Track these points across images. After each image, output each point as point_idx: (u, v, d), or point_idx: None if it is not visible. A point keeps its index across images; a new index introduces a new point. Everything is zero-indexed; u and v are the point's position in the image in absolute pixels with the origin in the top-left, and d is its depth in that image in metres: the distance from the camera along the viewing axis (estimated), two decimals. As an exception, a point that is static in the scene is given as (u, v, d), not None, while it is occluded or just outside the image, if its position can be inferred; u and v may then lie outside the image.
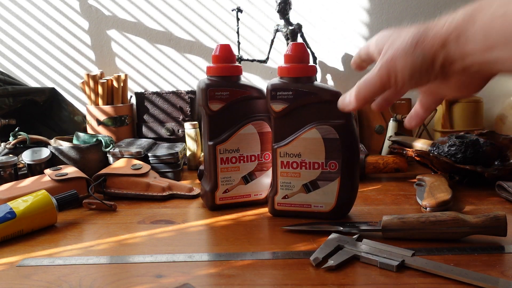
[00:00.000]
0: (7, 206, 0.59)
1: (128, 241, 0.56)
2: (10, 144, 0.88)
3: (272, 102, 0.60)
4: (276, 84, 0.60)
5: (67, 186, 0.70)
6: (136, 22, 1.13)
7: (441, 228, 0.52)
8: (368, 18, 1.10)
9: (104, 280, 0.46)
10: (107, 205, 0.68)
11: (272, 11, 1.07)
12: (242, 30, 1.09)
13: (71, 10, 1.13)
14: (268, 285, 0.44)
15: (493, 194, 0.71)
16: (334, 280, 0.44)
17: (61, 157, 0.83)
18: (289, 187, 0.62)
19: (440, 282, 0.44)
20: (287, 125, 0.61)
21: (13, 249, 0.55)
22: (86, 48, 1.15)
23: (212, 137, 0.65)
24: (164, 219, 0.64)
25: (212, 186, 0.66)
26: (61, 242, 0.57)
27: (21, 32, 1.15)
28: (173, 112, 1.03)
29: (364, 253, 0.48)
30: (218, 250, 0.53)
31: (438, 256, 0.49)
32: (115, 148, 0.86)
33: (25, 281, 0.46)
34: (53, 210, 0.61)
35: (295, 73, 0.60)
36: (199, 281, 0.45)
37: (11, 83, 1.05)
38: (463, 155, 0.76)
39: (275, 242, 0.55)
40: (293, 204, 0.62)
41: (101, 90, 1.03)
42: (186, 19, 1.12)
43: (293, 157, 0.61)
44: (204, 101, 0.64)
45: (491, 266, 0.46)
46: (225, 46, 0.66)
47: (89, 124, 1.05)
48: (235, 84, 0.65)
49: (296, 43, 0.61)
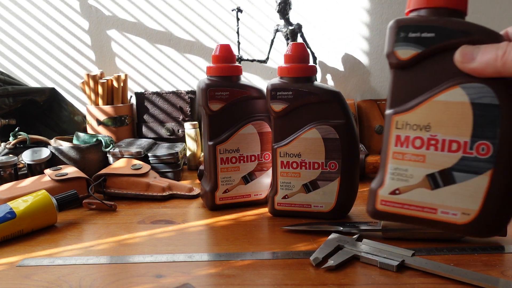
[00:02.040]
0: (7, 206, 0.59)
1: (128, 241, 0.56)
2: (10, 144, 0.88)
3: (272, 102, 0.60)
4: (276, 84, 0.60)
5: (67, 186, 0.70)
6: (136, 22, 1.13)
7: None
8: (368, 18, 1.10)
9: (104, 280, 0.46)
10: (107, 205, 0.68)
11: (272, 11, 1.07)
12: (242, 30, 1.09)
13: (71, 10, 1.14)
14: (268, 285, 0.44)
15: (493, 194, 0.71)
16: (334, 280, 0.44)
17: (61, 157, 0.83)
18: (289, 187, 0.62)
19: (440, 282, 0.44)
20: (287, 125, 0.61)
21: (13, 249, 0.55)
22: (86, 48, 1.15)
23: (212, 137, 0.65)
24: (164, 219, 0.64)
25: (212, 186, 0.66)
26: (61, 242, 0.57)
27: (21, 32, 1.15)
28: (173, 112, 1.03)
29: (364, 253, 0.48)
30: (218, 250, 0.53)
31: (438, 256, 0.49)
32: (115, 148, 0.86)
33: (25, 281, 0.46)
34: (53, 210, 0.61)
35: (295, 73, 0.60)
36: (199, 281, 0.45)
37: (11, 83, 1.05)
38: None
39: (275, 242, 0.55)
40: (293, 204, 0.62)
41: (101, 90, 1.03)
42: (186, 19, 1.12)
43: (293, 157, 0.61)
44: (204, 101, 0.64)
45: (491, 266, 0.46)
46: (225, 46, 0.66)
47: (89, 124, 1.05)
48: (235, 84, 0.65)
49: (296, 43, 0.61)
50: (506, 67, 0.34)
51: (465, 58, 0.37)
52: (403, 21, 0.40)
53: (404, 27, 0.40)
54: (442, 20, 0.38)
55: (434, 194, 0.39)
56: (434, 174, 0.39)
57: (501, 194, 0.37)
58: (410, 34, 0.40)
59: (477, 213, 0.38)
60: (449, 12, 0.39)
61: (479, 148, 0.38)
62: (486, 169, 0.37)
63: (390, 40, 0.40)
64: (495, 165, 0.37)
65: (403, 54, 0.40)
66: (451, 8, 0.39)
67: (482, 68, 0.35)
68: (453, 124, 0.38)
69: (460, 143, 0.38)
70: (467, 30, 0.37)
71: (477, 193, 0.38)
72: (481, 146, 0.38)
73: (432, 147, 0.39)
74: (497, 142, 0.37)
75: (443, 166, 0.39)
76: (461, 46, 0.37)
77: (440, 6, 0.39)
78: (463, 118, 0.38)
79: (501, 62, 0.34)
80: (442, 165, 0.39)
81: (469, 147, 0.38)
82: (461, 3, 0.39)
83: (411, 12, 0.41)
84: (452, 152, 0.39)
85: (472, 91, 0.37)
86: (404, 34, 0.40)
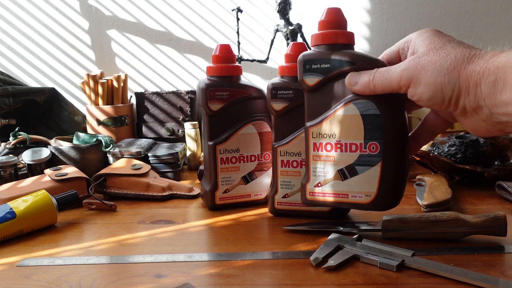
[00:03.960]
0: (7, 206, 0.59)
1: (128, 241, 0.56)
2: (10, 144, 0.88)
3: (273, 101, 0.60)
4: (277, 83, 0.61)
5: (67, 186, 0.70)
6: (136, 22, 1.13)
7: (441, 228, 0.52)
8: (368, 18, 1.10)
9: (104, 280, 0.46)
10: (107, 205, 0.68)
11: (272, 11, 1.07)
12: (242, 30, 1.09)
13: (71, 10, 1.14)
14: (268, 285, 0.44)
15: (493, 194, 0.71)
16: (334, 280, 0.44)
17: (61, 157, 0.83)
18: (289, 186, 0.62)
19: (440, 282, 0.44)
20: (287, 124, 0.61)
21: (13, 249, 0.55)
22: (86, 48, 1.15)
23: (212, 137, 0.65)
24: (164, 219, 0.64)
25: (212, 186, 0.66)
26: (61, 242, 0.57)
27: (21, 32, 1.15)
28: (173, 112, 1.03)
29: (364, 253, 0.48)
30: (218, 250, 0.53)
31: (438, 256, 0.49)
32: (115, 148, 0.86)
33: (25, 281, 0.46)
34: (53, 210, 0.61)
35: (295, 72, 0.60)
36: (199, 281, 0.45)
37: (11, 83, 1.05)
38: (463, 155, 0.76)
39: (275, 242, 0.55)
40: (293, 203, 0.62)
41: (101, 90, 1.03)
42: (186, 19, 1.12)
43: (294, 156, 0.61)
44: (204, 101, 0.64)
45: (491, 266, 0.46)
46: (225, 46, 0.66)
47: (89, 124, 1.05)
48: (235, 84, 0.65)
49: (297, 42, 0.61)
50: (376, 88, 0.46)
51: (351, 83, 0.49)
52: (307, 56, 0.53)
53: (308, 61, 0.53)
54: (334, 53, 0.51)
55: (344, 184, 0.53)
56: (343, 169, 0.53)
57: (390, 178, 0.51)
58: (312, 66, 0.53)
59: (375, 194, 0.51)
60: (341, 46, 0.52)
61: (370, 147, 0.51)
62: (377, 162, 0.51)
63: (300, 71, 0.54)
64: (383, 158, 0.50)
65: (310, 81, 0.53)
66: (341, 43, 0.53)
67: (362, 90, 0.48)
68: (351, 131, 0.51)
69: (357, 145, 0.51)
70: (352, 60, 0.50)
71: (373, 179, 0.51)
72: (371, 146, 0.51)
73: (338, 149, 0.52)
74: (382, 141, 0.50)
75: (348, 163, 0.52)
76: (349, 73, 0.49)
77: (333, 43, 0.53)
78: (357, 126, 0.51)
79: (372, 85, 0.46)
80: (347, 162, 0.52)
81: (363, 147, 0.51)
82: (349, 39, 0.53)
83: (314, 47, 0.54)
84: (353, 152, 0.52)
85: (360, 105, 0.50)
86: (308, 66, 0.53)
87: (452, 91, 0.38)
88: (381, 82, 0.45)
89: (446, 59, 0.39)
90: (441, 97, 0.39)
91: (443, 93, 0.39)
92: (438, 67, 0.39)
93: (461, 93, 0.38)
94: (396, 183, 0.51)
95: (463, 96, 0.38)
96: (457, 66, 0.38)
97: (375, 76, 0.46)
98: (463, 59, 0.38)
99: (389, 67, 0.45)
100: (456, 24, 1.10)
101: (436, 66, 0.39)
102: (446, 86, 0.39)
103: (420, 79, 0.40)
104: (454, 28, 1.10)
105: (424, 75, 0.40)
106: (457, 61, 0.38)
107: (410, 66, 0.41)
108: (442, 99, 0.39)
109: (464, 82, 0.38)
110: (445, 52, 0.39)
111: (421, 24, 1.10)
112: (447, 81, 0.38)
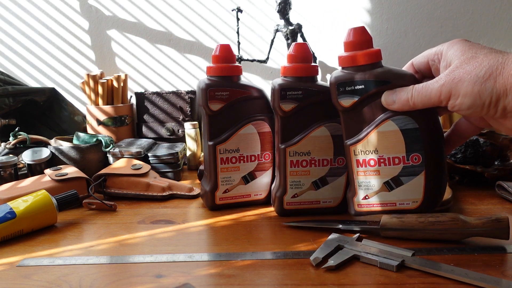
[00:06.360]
0: (7, 206, 0.59)
1: (128, 241, 0.56)
2: (10, 144, 0.88)
3: (282, 102, 0.60)
4: (285, 84, 0.60)
5: (67, 186, 0.70)
6: (136, 22, 1.13)
7: (440, 229, 0.52)
8: (368, 18, 1.10)
9: (104, 280, 0.46)
10: (107, 205, 0.68)
11: (272, 11, 1.08)
12: (242, 30, 1.09)
13: (71, 10, 1.14)
14: (268, 285, 0.44)
15: (493, 194, 0.71)
16: (334, 280, 0.44)
17: (61, 157, 0.83)
18: (299, 185, 0.62)
19: (440, 282, 0.44)
20: (296, 124, 0.61)
21: (13, 249, 0.55)
22: (86, 48, 1.15)
23: (212, 137, 0.65)
24: (164, 219, 0.64)
25: (212, 186, 0.66)
26: (61, 242, 0.57)
27: (21, 32, 1.15)
28: (173, 112, 1.03)
29: (364, 253, 0.48)
30: (218, 250, 0.53)
31: (438, 256, 0.49)
32: (115, 148, 0.86)
33: (25, 281, 0.46)
34: (53, 210, 0.61)
35: (302, 72, 0.60)
36: (199, 281, 0.45)
37: (11, 83, 1.05)
38: (463, 155, 0.76)
39: (275, 242, 0.55)
40: (302, 202, 0.62)
41: (101, 90, 1.03)
42: (186, 19, 1.12)
43: (303, 156, 0.61)
44: (204, 101, 0.64)
45: (492, 266, 0.46)
46: (225, 46, 0.66)
47: (89, 124, 1.05)
48: (235, 84, 0.65)
49: (299, 43, 0.61)
50: (416, 105, 0.49)
51: (388, 102, 0.51)
52: (340, 78, 0.55)
53: (341, 84, 0.55)
54: (367, 74, 0.53)
55: (391, 194, 0.55)
56: (388, 181, 0.55)
57: (434, 183, 0.54)
58: (346, 88, 0.54)
59: (421, 199, 0.55)
60: (371, 66, 0.54)
61: (413, 159, 0.54)
62: (421, 171, 0.54)
63: (333, 94, 0.55)
64: (425, 167, 0.54)
65: (345, 102, 0.55)
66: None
67: (401, 107, 0.51)
68: (392, 146, 0.54)
69: (400, 158, 0.54)
70: (386, 79, 0.53)
71: (419, 187, 0.54)
72: (414, 157, 0.54)
73: (382, 164, 0.55)
74: (423, 152, 0.53)
75: (393, 175, 0.55)
76: (384, 92, 0.52)
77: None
78: (397, 141, 0.54)
79: (412, 102, 0.49)
80: (392, 174, 0.55)
81: (406, 159, 0.54)
82: (378, 57, 0.54)
83: (343, 69, 0.55)
84: (396, 165, 0.54)
85: (399, 121, 0.53)
86: (342, 89, 0.55)
87: (491, 97, 0.40)
88: (420, 99, 0.48)
89: (480, 68, 0.41)
90: (481, 104, 0.41)
91: (482, 100, 0.41)
92: (474, 77, 0.41)
93: (500, 96, 0.40)
94: (439, 186, 0.55)
95: (502, 99, 0.40)
96: (492, 73, 0.40)
97: (413, 94, 0.48)
98: (496, 65, 0.40)
99: (426, 83, 0.47)
100: (456, 24, 1.10)
101: (471, 76, 0.41)
102: (484, 93, 0.40)
103: (458, 91, 0.42)
104: (454, 28, 1.10)
105: (462, 87, 0.42)
106: (491, 68, 0.40)
107: (447, 80, 0.43)
108: (481, 106, 0.41)
109: (501, 86, 0.40)
110: (478, 61, 0.41)
111: (421, 24, 1.10)
112: (484, 89, 0.40)
